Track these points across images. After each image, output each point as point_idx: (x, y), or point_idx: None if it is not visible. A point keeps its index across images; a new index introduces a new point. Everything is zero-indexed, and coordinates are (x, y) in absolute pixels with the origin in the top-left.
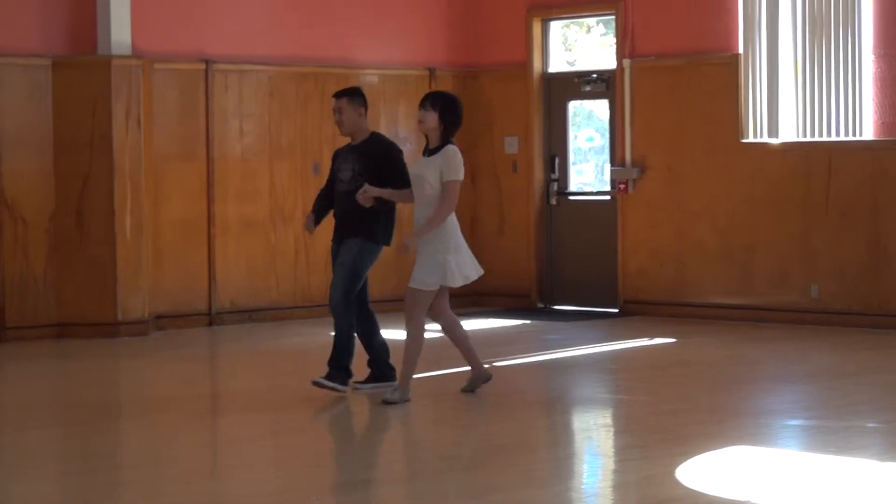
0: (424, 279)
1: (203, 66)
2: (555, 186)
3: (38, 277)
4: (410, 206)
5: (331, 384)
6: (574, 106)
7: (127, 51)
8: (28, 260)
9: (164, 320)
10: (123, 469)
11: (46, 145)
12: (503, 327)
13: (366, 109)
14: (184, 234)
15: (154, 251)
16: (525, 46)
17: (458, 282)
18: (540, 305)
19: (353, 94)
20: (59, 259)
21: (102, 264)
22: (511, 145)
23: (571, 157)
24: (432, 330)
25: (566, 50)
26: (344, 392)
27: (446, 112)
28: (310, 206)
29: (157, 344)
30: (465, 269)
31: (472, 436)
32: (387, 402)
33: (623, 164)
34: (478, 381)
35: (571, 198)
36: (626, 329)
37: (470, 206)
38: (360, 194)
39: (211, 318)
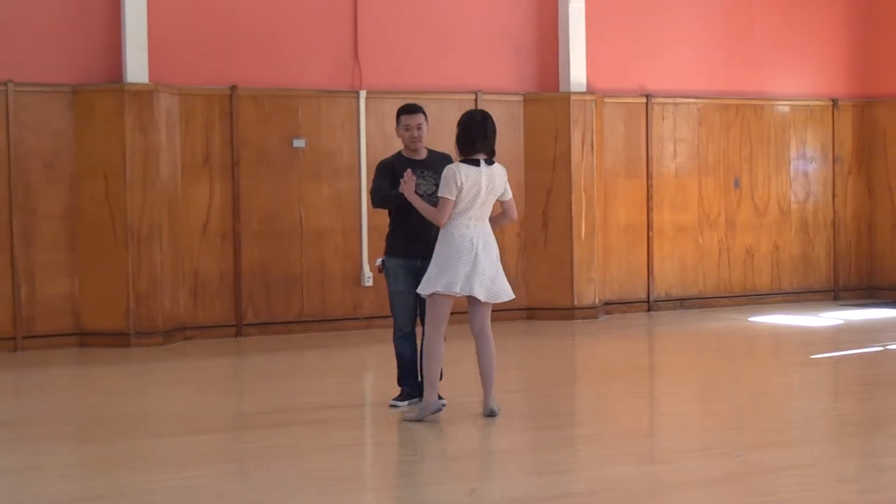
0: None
1: (644, 99)
2: None
3: (511, 270)
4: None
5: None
6: None
7: (583, 88)
8: (503, 257)
9: (611, 306)
10: (578, 425)
11: (519, 164)
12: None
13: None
14: (627, 236)
15: (604, 250)
16: None
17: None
18: None
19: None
20: (528, 255)
21: (562, 260)
22: None
23: None
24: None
25: None
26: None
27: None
28: (732, 216)
29: (606, 325)
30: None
31: (869, 407)
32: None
33: None
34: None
35: None
36: None
37: (867, 214)
38: (410, 192)
39: (649, 304)
